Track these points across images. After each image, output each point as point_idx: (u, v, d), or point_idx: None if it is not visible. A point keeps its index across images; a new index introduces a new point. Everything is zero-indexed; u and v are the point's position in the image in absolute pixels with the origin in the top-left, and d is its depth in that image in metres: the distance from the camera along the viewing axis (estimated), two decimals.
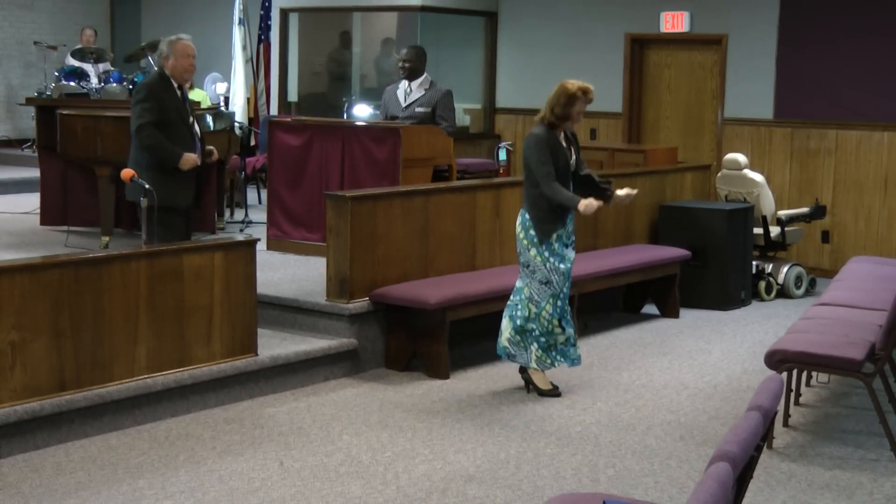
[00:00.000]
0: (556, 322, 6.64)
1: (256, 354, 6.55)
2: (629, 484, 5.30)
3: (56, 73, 13.66)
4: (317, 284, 7.49)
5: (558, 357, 6.71)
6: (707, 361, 7.62)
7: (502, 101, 13.06)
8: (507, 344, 6.71)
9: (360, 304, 7.12)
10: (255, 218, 10.37)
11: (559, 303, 6.62)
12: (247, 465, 5.44)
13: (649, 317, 8.97)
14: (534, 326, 6.64)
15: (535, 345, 6.65)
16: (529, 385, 6.78)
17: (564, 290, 6.63)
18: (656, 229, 9.67)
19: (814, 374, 7.04)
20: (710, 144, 11.60)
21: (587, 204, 6.39)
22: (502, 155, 12.75)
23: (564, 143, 6.60)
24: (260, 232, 8.78)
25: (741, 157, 10.00)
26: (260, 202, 11.55)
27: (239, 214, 10.78)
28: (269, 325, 7.17)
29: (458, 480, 5.29)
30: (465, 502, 5.03)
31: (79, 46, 14.03)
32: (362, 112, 11.81)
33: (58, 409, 5.62)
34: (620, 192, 6.73)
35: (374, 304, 7.16)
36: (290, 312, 7.29)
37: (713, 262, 9.23)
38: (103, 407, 5.82)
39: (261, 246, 7.20)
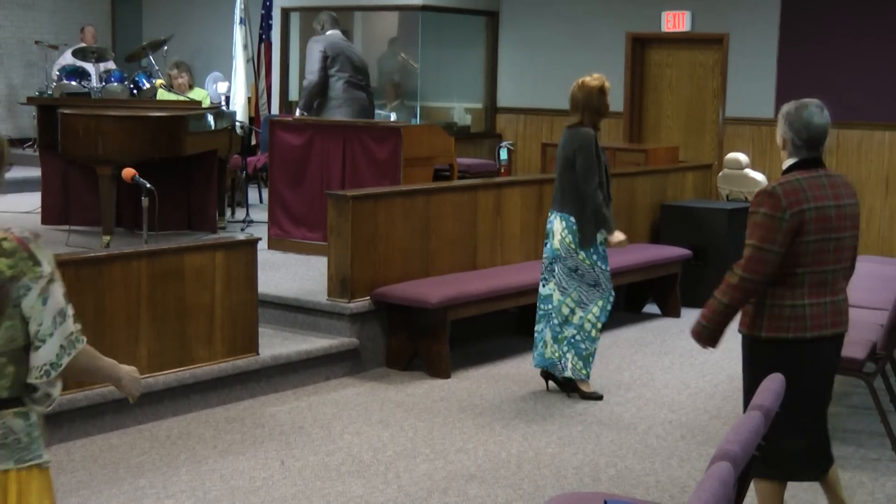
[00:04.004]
0: (599, 327, 6.55)
1: (257, 354, 6.55)
2: (630, 483, 5.30)
3: (57, 73, 13.66)
4: (318, 284, 7.49)
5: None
6: (708, 360, 7.61)
7: (503, 100, 13.06)
8: (549, 354, 6.62)
9: (361, 303, 7.12)
10: (257, 217, 10.37)
11: (609, 307, 6.56)
12: (248, 464, 5.44)
13: (650, 316, 8.97)
14: (574, 332, 6.54)
15: (573, 352, 6.55)
16: (548, 383, 6.74)
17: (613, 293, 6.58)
18: (657, 229, 9.66)
19: None
20: (712, 144, 11.60)
21: (619, 241, 6.42)
22: (503, 154, 12.76)
23: None
24: (261, 231, 8.77)
25: (742, 157, 10.00)
26: (261, 201, 11.54)
27: (240, 214, 10.77)
28: (270, 325, 7.17)
29: (459, 480, 5.29)
30: (466, 502, 5.03)
31: (80, 46, 14.02)
32: None
33: (59, 408, 5.60)
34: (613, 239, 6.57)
35: (375, 304, 7.16)
36: (291, 312, 7.29)
37: (714, 262, 9.22)
38: (104, 406, 5.83)
39: (262, 245, 7.20)
